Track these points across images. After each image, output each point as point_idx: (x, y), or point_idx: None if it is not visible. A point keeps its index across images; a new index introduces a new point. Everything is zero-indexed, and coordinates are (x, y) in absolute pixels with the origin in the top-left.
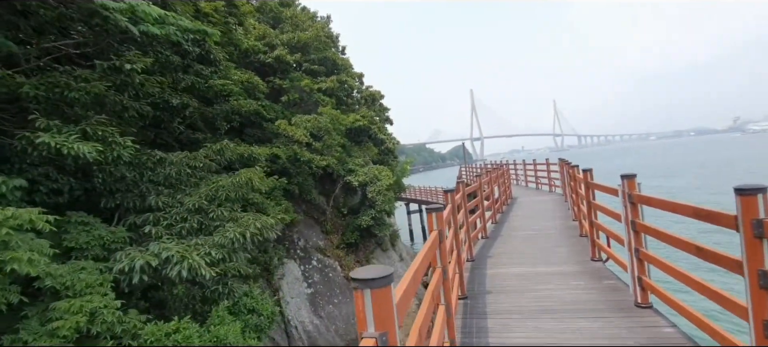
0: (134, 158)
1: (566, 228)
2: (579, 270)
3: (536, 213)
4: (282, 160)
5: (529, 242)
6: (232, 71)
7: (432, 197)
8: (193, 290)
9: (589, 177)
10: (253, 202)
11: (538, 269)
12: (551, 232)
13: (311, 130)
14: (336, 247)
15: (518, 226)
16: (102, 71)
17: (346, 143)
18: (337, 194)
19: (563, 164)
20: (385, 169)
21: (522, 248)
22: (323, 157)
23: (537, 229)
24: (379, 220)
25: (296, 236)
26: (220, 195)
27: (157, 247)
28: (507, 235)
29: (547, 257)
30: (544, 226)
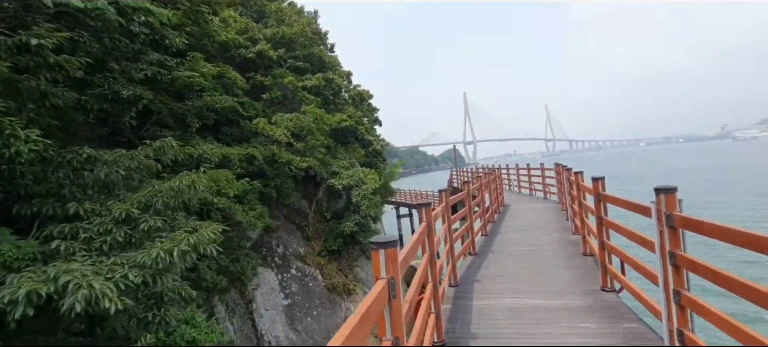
0: (58, 155)
1: (566, 244)
2: (588, 304)
3: (531, 224)
4: (259, 161)
5: (524, 262)
6: (202, 63)
7: (423, 200)
8: (119, 320)
9: (601, 187)
10: (218, 207)
11: (536, 301)
12: (549, 248)
13: (293, 129)
14: (317, 254)
15: (511, 240)
16: (6, 49)
17: (330, 144)
18: (320, 198)
19: (561, 170)
20: (372, 172)
21: (516, 269)
22: (304, 158)
23: (533, 244)
24: (364, 226)
25: (275, 243)
26: (155, 202)
27: (55, 269)
28: (499, 251)
29: (546, 284)
30: (540, 241)
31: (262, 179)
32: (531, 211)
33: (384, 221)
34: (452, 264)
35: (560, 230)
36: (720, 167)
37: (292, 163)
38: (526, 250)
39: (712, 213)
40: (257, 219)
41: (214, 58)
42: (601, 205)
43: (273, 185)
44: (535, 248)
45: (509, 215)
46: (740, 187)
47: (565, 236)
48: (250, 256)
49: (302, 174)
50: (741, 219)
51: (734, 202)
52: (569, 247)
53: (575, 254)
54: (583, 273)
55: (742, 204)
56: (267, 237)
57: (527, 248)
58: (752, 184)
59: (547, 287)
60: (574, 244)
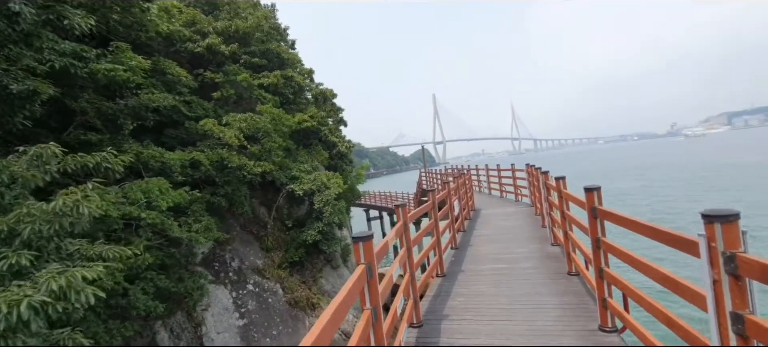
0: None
1: (546, 259)
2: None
3: (505, 233)
4: (205, 167)
5: (500, 286)
6: (128, 55)
7: (392, 202)
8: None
9: (597, 200)
10: (148, 223)
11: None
12: (527, 265)
13: (246, 131)
14: (278, 266)
15: (484, 255)
16: None
17: (290, 147)
18: (280, 205)
19: (534, 172)
20: (336, 175)
21: (491, 298)
22: (259, 162)
23: (509, 261)
24: (328, 234)
25: (229, 256)
26: (22, 230)
27: None
28: (470, 271)
29: (530, 320)
30: (517, 254)
31: (210, 187)
32: (503, 216)
33: (354, 223)
34: (414, 300)
35: (537, 240)
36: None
37: (245, 168)
38: (502, 269)
39: None
40: (203, 233)
41: (157, 53)
42: (597, 223)
43: (223, 194)
44: (512, 265)
45: (481, 221)
46: None
47: (543, 248)
48: (197, 274)
49: (258, 180)
50: None
51: None
52: (551, 263)
53: (559, 273)
54: (574, 304)
55: None
56: (220, 250)
57: (503, 265)
58: None
59: (532, 325)
60: (555, 259)
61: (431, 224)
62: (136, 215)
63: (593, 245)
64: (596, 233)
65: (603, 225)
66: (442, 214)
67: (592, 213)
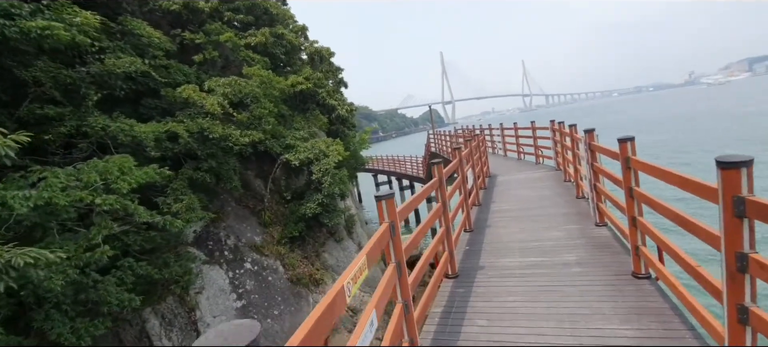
0: None
1: (596, 248)
2: None
3: (531, 206)
4: (184, 139)
5: (538, 298)
6: (70, 11)
7: (400, 167)
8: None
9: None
10: (104, 209)
11: None
12: (571, 258)
13: (231, 97)
14: (277, 242)
15: (507, 242)
16: None
17: (284, 113)
18: (277, 177)
19: (562, 129)
20: (336, 142)
21: (527, 317)
22: (247, 131)
23: (543, 250)
24: (329, 206)
25: (223, 234)
26: None
27: None
28: (491, 268)
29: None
30: (553, 241)
31: (192, 162)
32: (525, 184)
33: (363, 190)
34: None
35: (576, 219)
36: None
37: (230, 138)
38: (536, 266)
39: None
40: (185, 213)
41: (126, 12)
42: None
43: (206, 168)
44: (550, 259)
45: (499, 191)
46: None
47: (586, 230)
48: (187, 256)
49: (250, 151)
50: None
51: None
52: (603, 256)
53: (621, 274)
54: (655, 325)
55: None
56: (214, 228)
57: (536, 258)
58: None
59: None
60: (607, 249)
61: (438, 210)
62: (90, 200)
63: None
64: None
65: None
66: (452, 192)
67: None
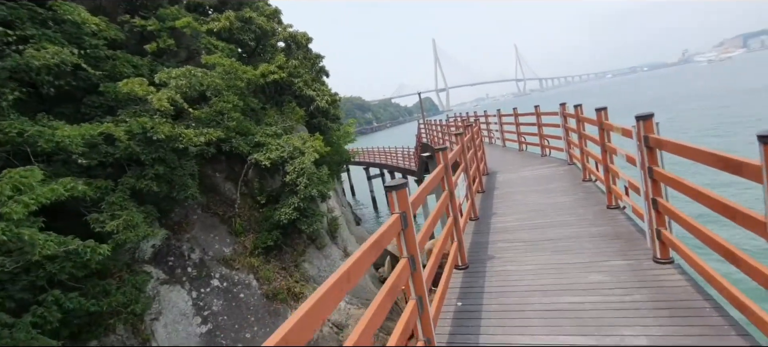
0: None
1: (669, 308)
2: None
3: (546, 223)
4: (123, 142)
5: None
6: None
7: (392, 159)
8: None
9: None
10: None
11: None
12: (636, 339)
13: (187, 90)
14: (250, 253)
15: (521, 292)
16: None
17: (254, 106)
18: (249, 178)
19: (579, 114)
20: (315, 137)
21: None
22: (203, 130)
23: (581, 320)
24: (307, 210)
25: (187, 247)
26: None
27: None
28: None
29: None
30: (594, 294)
31: (137, 168)
32: (533, 184)
33: (355, 182)
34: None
35: (618, 246)
36: None
37: (181, 139)
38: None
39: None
40: (124, 233)
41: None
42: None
43: (152, 176)
44: None
45: (500, 195)
46: None
47: (644, 271)
48: (134, 280)
49: (213, 151)
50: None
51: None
52: (684, 326)
53: None
54: None
55: None
56: (176, 241)
57: (576, 336)
58: None
59: None
60: (697, 316)
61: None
62: None
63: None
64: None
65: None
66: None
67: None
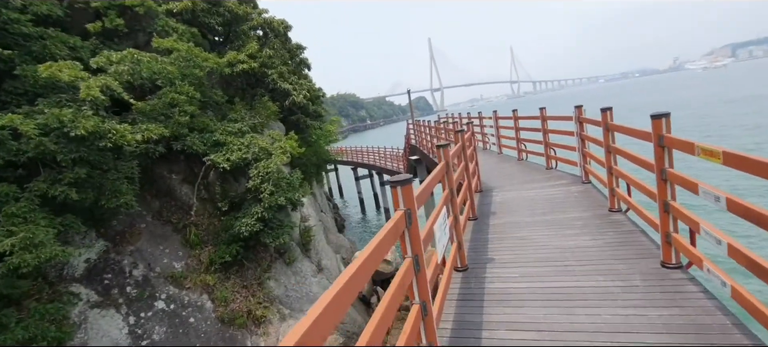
0: None
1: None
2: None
3: (574, 291)
4: (34, 138)
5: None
6: None
7: (380, 160)
8: None
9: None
10: None
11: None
12: None
13: (131, 77)
14: (206, 269)
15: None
16: None
17: (218, 100)
18: (211, 181)
19: (609, 121)
20: (289, 136)
21: None
22: (140, 127)
23: None
24: (272, 221)
25: (129, 262)
26: None
27: None
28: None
29: None
30: None
31: (53, 170)
32: (541, 211)
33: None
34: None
35: None
36: None
37: (109, 136)
38: None
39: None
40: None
41: None
42: (664, 153)
43: (70, 180)
44: None
45: (498, 229)
46: None
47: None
48: (47, 307)
49: (161, 150)
50: None
51: None
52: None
53: None
54: None
55: None
56: (116, 255)
57: None
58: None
59: None
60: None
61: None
62: None
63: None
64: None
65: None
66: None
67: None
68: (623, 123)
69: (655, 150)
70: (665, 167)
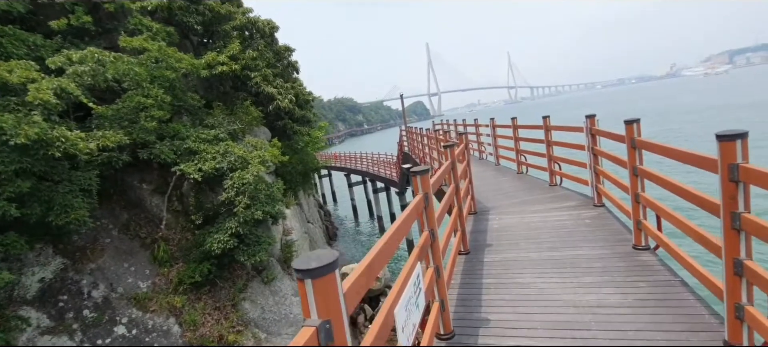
0: None
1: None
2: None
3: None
4: None
5: None
6: None
7: (374, 167)
8: None
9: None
10: None
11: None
12: None
13: (90, 80)
14: (174, 289)
15: None
16: None
17: (195, 103)
18: (184, 192)
19: (636, 136)
20: (273, 143)
21: None
22: (95, 134)
23: None
24: (249, 237)
25: (88, 282)
26: None
27: None
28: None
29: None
30: None
31: None
32: (548, 246)
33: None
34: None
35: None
36: None
37: (57, 144)
38: None
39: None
40: None
41: None
42: (635, 153)
43: (10, 194)
44: None
45: (494, 269)
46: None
47: None
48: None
49: (125, 160)
50: None
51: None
52: None
53: None
54: None
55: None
56: (75, 274)
57: None
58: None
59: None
60: None
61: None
62: None
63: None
64: (634, 163)
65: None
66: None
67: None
68: (646, 138)
69: (724, 186)
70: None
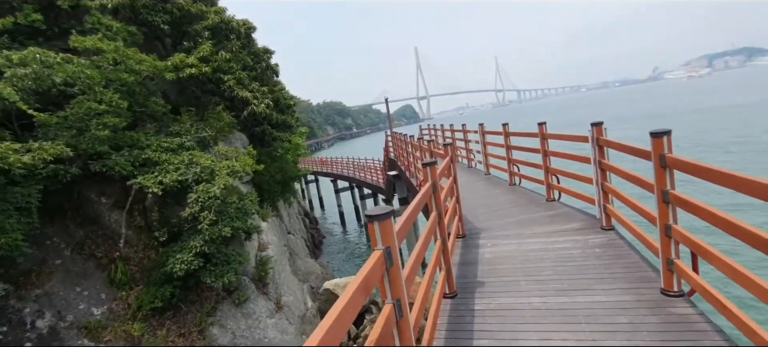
0: None
1: None
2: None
3: None
4: None
5: None
6: None
7: (360, 173)
8: None
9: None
10: None
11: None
12: None
13: (32, 84)
14: (133, 315)
15: None
16: None
17: (159, 109)
18: (148, 206)
19: (666, 152)
20: (248, 152)
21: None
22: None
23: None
24: (217, 256)
25: (32, 310)
26: None
27: None
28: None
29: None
30: None
31: None
32: (556, 289)
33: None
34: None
35: None
36: None
37: None
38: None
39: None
40: None
41: None
42: (665, 173)
43: None
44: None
45: (487, 324)
46: None
47: None
48: None
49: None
50: None
51: None
52: None
53: None
54: None
55: None
56: (17, 301)
57: None
58: None
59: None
60: None
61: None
62: None
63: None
64: (664, 186)
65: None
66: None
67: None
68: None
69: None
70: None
